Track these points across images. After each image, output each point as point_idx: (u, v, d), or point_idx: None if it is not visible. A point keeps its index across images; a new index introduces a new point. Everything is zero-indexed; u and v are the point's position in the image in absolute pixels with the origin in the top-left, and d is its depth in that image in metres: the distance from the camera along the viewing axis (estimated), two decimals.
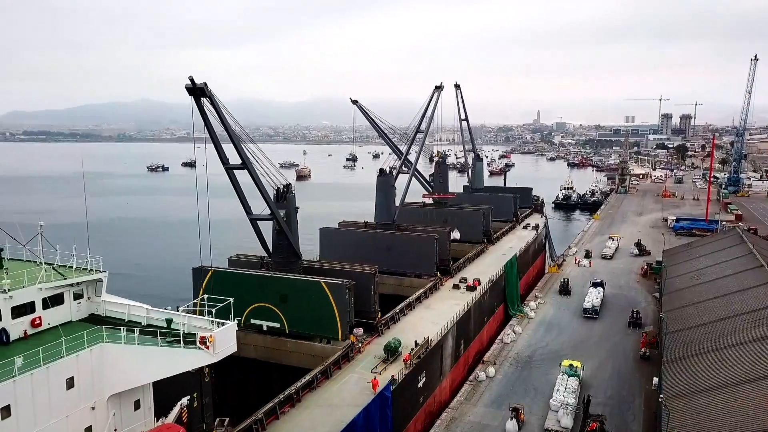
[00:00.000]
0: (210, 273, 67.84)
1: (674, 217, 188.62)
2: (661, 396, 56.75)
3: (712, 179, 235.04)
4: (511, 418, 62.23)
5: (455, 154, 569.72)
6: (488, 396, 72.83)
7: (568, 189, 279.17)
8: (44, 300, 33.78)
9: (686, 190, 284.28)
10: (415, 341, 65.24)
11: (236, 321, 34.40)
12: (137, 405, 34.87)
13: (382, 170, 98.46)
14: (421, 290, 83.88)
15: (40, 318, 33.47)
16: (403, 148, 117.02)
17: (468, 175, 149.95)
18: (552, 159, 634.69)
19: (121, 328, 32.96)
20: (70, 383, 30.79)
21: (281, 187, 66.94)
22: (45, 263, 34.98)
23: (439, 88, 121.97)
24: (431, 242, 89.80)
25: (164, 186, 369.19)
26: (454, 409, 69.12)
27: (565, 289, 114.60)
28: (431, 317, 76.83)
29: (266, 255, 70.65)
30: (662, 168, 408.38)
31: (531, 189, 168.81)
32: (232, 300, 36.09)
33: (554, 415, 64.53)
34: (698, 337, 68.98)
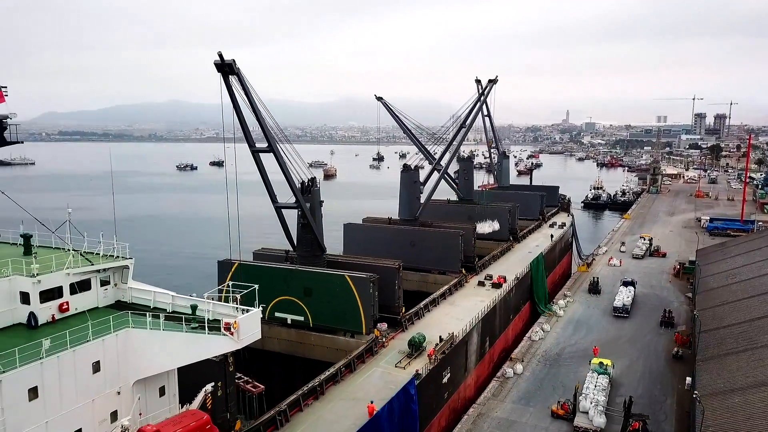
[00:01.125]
0: (235, 266, 68.19)
1: (708, 217, 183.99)
2: (696, 393, 55.17)
3: (747, 180, 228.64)
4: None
5: (482, 153, 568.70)
6: (516, 393, 71.86)
7: (597, 189, 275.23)
8: (71, 285, 34.23)
9: (720, 190, 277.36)
10: (440, 337, 64.56)
11: (261, 308, 34.25)
12: (162, 391, 35.09)
13: (406, 166, 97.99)
14: (446, 286, 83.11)
15: (67, 303, 33.92)
16: (432, 148, 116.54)
17: (494, 174, 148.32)
18: (581, 159, 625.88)
19: (147, 313, 33.19)
20: (96, 367, 31.09)
21: (306, 180, 66.98)
22: (73, 249, 35.46)
23: (493, 82, 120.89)
24: (456, 238, 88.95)
25: (192, 184, 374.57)
26: (481, 405, 68.32)
27: (594, 288, 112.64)
28: (456, 314, 76.04)
29: (291, 249, 70.76)
30: (695, 168, 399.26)
31: (557, 188, 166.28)
32: (257, 287, 36.02)
33: (583, 413, 63.22)
34: (733, 336, 66.98)
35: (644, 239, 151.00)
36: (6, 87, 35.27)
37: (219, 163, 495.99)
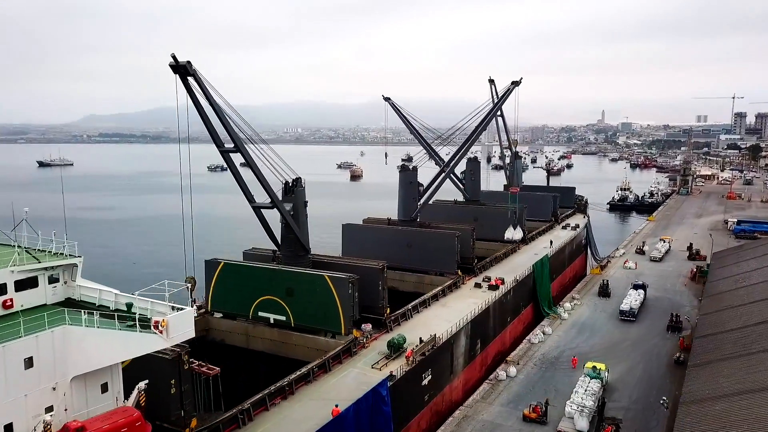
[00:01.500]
0: (221, 265, 68.97)
1: (735, 220, 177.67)
2: (663, 399, 53.75)
3: None
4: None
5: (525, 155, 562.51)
6: (506, 396, 70.76)
7: (624, 190, 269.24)
8: (17, 282, 35.07)
9: (755, 192, 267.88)
10: (420, 338, 63.88)
11: (195, 307, 34.37)
12: (104, 388, 35.55)
13: (404, 166, 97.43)
14: (439, 288, 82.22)
15: (11, 300, 34.76)
16: (446, 149, 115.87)
17: (506, 174, 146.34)
18: (614, 160, 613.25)
19: (82, 311, 33.72)
20: (28, 363, 31.70)
21: (290, 180, 67.23)
22: (19, 247, 36.37)
23: (516, 83, 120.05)
24: (452, 239, 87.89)
25: (218, 185, 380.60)
26: (468, 407, 67.47)
27: (604, 291, 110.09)
28: (446, 315, 75.15)
29: (277, 249, 71.11)
30: (731, 169, 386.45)
31: (574, 189, 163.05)
32: (189, 285, 36.11)
33: (569, 417, 61.84)
34: (730, 342, 64.66)
35: (664, 241, 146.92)
36: None
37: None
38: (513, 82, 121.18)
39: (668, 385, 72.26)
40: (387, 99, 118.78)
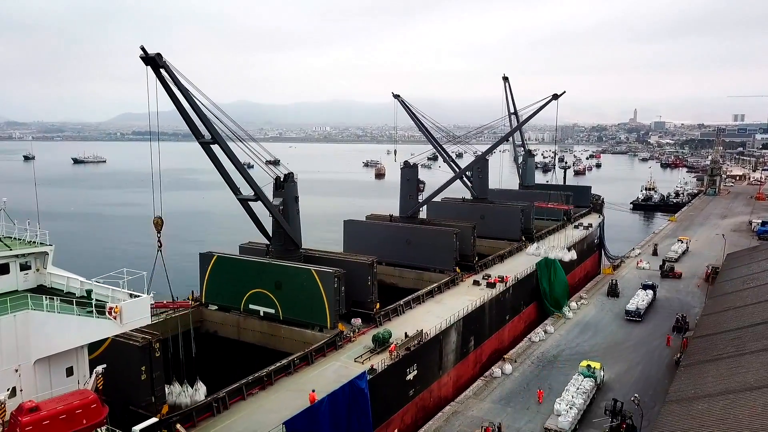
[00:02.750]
0: (214, 258, 70.28)
1: (759, 221, 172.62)
2: (635, 396, 53.33)
3: None
4: None
5: (542, 154, 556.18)
6: (498, 393, 70.75)
7: (649, 189, 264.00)
8: None
9: None
10: (405, 333, 64.07)
11: (151, 294, 35.34)
12: (70, 372, 36.82)
13: (406, 162, 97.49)
14: (434, 285, 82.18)
15: None
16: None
17: (518, 172, 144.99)
18: (644, 159, 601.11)
19: (45, 296, 35.01)
20: None
21: (281, 175, 68.12)
22: None
23: (556, 97, 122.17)
24: (451, 237, 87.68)
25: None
26: (459, 404, 67.71)
27: (613, 291, 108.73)
28: (439, 312, 75.09)
29: (270, 244, 72.08)
30: (764, 169, 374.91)
31: (589, 188, 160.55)
32: (145, 273, 37.03)
33: (556, 414, 61.43)
34: (724, 342, 63.34)
35: (681, 242, 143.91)
36: None
37: (275, 162, 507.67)
38: (554, 95, 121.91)
39: (665, 386, 71.08)
40: (396, 96, 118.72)
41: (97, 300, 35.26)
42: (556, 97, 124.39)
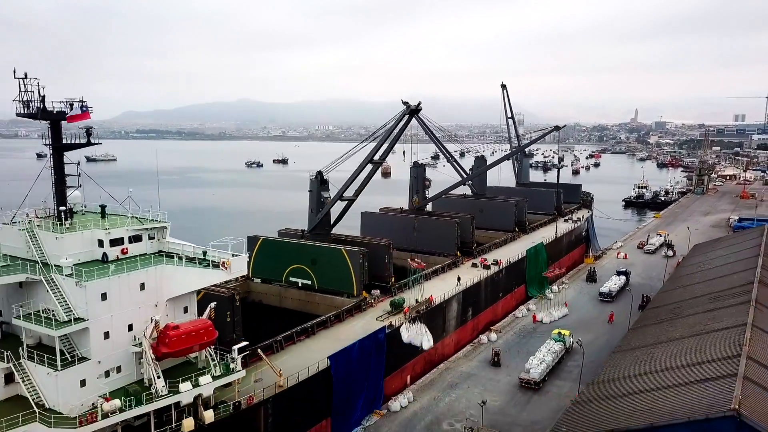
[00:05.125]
0: (260, 240, 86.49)
1: (737, 217, 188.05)
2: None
3: None
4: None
5: (543, 153, 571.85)
6: (484, 355, 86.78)
7: (641, 188, 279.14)
8: (129, 237, 52.34)
9: None
10: (416, 299, 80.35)
11: (248, 255, 51.39)
12: (185, 310, 52.93)
13: (416, 162, 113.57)
14: (439, 265, 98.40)
15: (126, 249, 52.01)
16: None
17: (514, 171, 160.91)
18: (642, 159, 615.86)
19: (174, 255, 51.23)
20: (142, 287, 48.92)
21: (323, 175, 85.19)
22: (132, 216, 53.90)
23: (558, 128, 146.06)
24: (452, 226, 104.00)
25: (257, 180, 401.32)
26: (451, 361, 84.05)
27: (591, 277, 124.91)
28: (443, 287, 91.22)
29: (305, 230, 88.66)
30: (755, 169, 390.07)
31: (579, 186, 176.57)
32: (244, 239, 52.97)
33: (528, 367, 77.33)
34: (666, 312, 79.13)
35: (660, 236, 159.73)
36: (92, 107, 53.99)
37: (283, 161, 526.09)
38: (556, 127, 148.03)
39: None
40: (405, 103, 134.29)
41: (208, 259, 51.61)
42: (557, 128, 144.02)
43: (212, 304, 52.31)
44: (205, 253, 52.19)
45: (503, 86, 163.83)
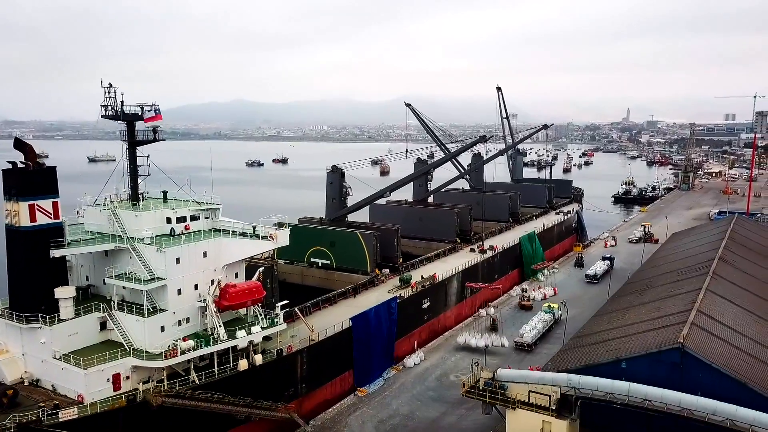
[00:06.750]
0: (284, 225, 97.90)
1: (716, 210, 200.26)
2: None
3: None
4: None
5: (536, 152, 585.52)
6: (481, 327, 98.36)
7: (629, 184, 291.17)
8: (191, 216, 63.74)
9: (756, 188, 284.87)
10: (422, 275, 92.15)
11: (288, 227, 63.17)
12: (236, 276, 64.43)
13: (419, 158, 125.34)
14: (441, 249, 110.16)
15: (188, 226, 63.37)
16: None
17: (509, 168, 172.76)
18: (633, 158, 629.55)
19: (229, 230, 62.95)
20: (204, 255, 60.30)
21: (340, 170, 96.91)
22: (192, 200, 65.55)
23: (546, 127, 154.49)
24: (452, 215, 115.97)
25: (261, 179, 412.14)
26: (453, 332, 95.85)
27: (579, 262, 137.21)
28: (444, 267, 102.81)
29: (323, 217, 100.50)
30: (741, 166, 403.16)
31: (570, 181, 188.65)
32: (287, 216, 64.47)
33: (521, 333, 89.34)
34: (640, 285, 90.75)
35: (643, 227, 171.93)
36: (159, 108, 65.23)
37: (283, 161, 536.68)
38: (544, 126, 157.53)
39: None
40: (408, 105, 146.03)
41: (257, 232, 63.31)
42: (546, 127, 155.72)
43: (261, 269, 63.83)
44: (254, 227, 63.72)
45: (498, 89, 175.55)
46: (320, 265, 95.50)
